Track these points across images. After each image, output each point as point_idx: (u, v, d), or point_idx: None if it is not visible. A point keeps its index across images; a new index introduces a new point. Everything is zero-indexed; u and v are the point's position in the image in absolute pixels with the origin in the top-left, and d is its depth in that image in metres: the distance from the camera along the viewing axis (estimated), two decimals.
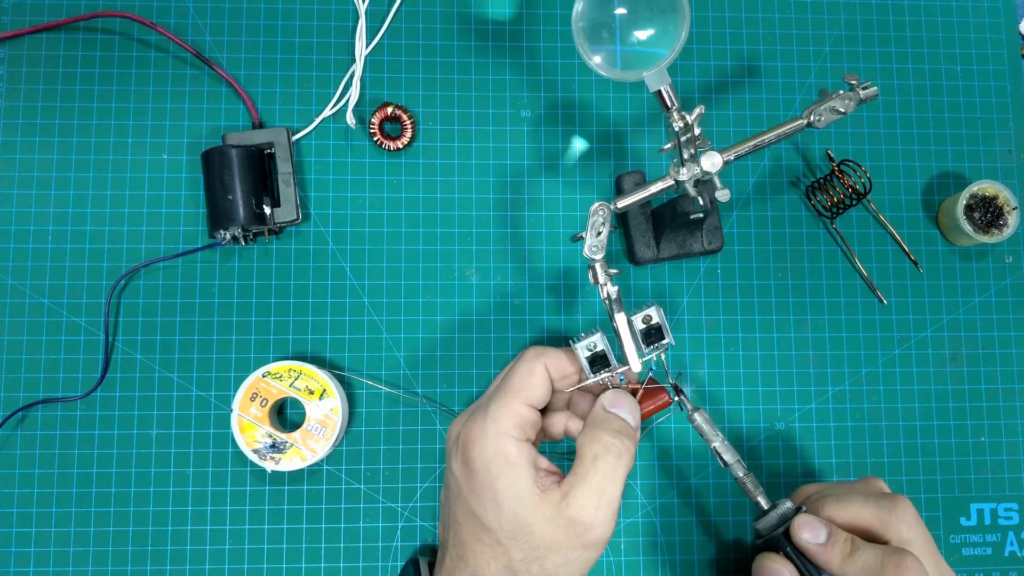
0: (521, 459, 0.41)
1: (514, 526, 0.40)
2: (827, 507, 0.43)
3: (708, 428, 0.44)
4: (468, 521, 0.42)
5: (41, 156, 0.53)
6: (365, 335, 0.53)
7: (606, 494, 0.40)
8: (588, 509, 0.39)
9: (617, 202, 0.44)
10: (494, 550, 0.41)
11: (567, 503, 0.40)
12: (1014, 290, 0.56)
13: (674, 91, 0.41)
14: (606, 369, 0.43)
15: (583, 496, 0.40)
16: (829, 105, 0.43)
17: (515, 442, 0.41)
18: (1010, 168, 0.57)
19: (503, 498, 0.40)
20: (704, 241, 0.53)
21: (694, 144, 0.42)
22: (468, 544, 0.42)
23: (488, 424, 0.41)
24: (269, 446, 0.49)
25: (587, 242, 0.42)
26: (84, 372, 0.52)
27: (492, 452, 0.41)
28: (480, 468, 0.41)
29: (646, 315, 0.43)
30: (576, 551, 0.40)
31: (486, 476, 0.41)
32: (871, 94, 0.43)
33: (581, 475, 0.40)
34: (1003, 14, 0.59)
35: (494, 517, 0.40)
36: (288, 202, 0.53)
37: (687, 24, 0.42)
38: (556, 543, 0.40)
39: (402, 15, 0.56)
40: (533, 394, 0.42)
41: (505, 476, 0.40)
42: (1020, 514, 0.54)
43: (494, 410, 0.42)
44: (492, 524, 0.40)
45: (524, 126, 0.56)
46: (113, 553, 0.50)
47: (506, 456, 0.41)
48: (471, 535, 0.42)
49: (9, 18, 0.54)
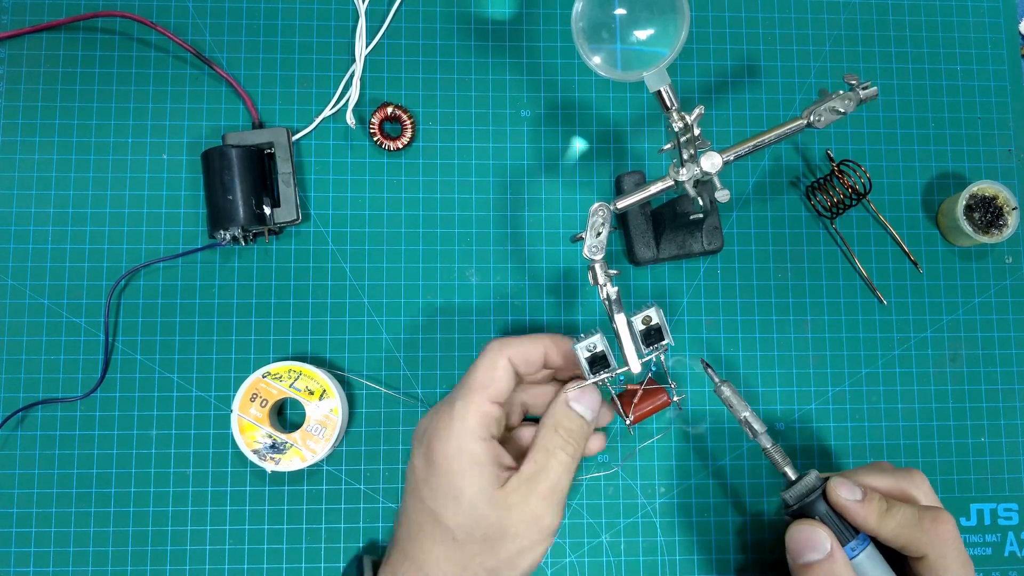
0: (486, 458, 0.42)
1: (472, 522, 0.41)
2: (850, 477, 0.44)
3: (736, 400, 0.44)
4: (421, 517, 0.42)
5: (41, 156, 0.53)
6: (365, 335, 0.53)
7: (560, 487, 0.42)
8: (545, 501, 0.41)
9: (617, 203, 0.44)
10: (447, 547, 0.41)
11: (525, 495, 0.41)
12: (1014, 290, 0.56)
13: (674, 91, 0.41)
14: (606, 370, 0.43)
15: (541, 488, 0.41)
16: (829, 105, 0.43)
17: (480, 441, 0.42)
18: (1010, 168, 0.57)
19: (463, 495, 0.41)
20: (704, 241, 0.53)
21: (694, 144, 0.42)
22: (418, 540, 0.42)
23: (454, 422, 0.42)
24: (269, 446, 0.49)
25: (587, 243, 0.42)
26: (84, 372, 0.52)
27: (456, 450, 0.41)
28: (442, 465, 0.42)
29: (646, 316, 0.43)
30: (531, 540, 0.41)
31: (448, 473, 0.41)
32: (871, 94, 0.43)
33: (539, 467, 0.42)
34: (1003, 14, 0.59)
35: (452, 514, 0.41)
36: (288, 202, 0.52)
37: (687, 24, 0.42)
38: (513, 533, 0.41)
39: (402, 15, 0.56)
40: (497, 389, 0.43)
41: (468, 474, 0.41)
42: (1020, 514, 0.54)
43: (460, 408, 0.42)
44: (449, 522, 0.41)
45: (524, 126, 0.56)
46: (113, 553, 0.50)
47: (471, 455, 0.41)
48: (422, 531, 0.42)
49: (9, 18, 0.54)
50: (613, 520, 0.53)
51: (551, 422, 0.43)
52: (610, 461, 0.53)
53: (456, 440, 0.42)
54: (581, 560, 0.52)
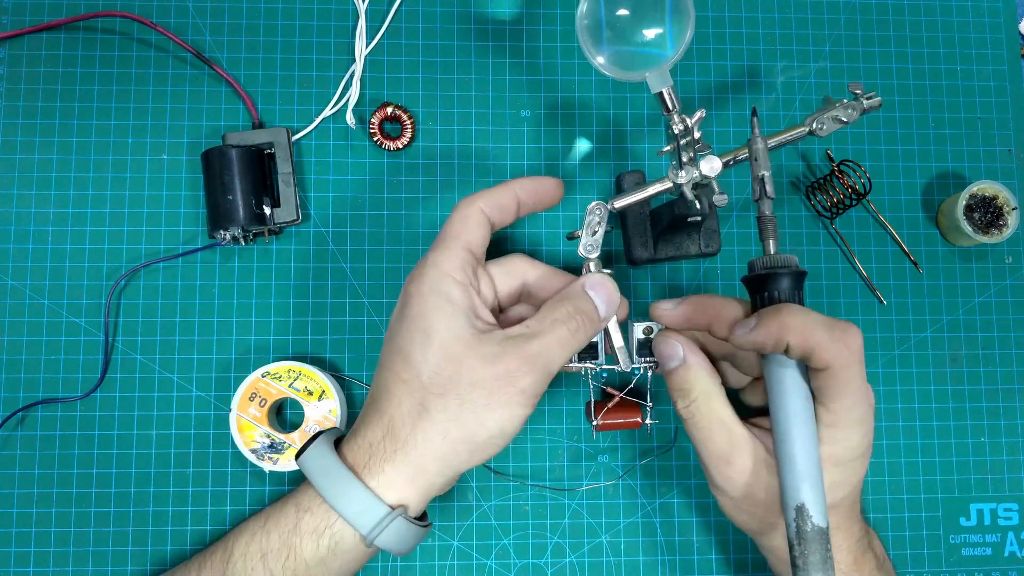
0: (460, 300, 0.40)
1: (440, 360, 0.39)
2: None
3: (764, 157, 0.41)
4: (391, 360, 0.41)
5: (41, 156, 0.53)
6: (365, 335, 0.53)
7: (546, 356, 0.39)
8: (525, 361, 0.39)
9: (614, 202, 0.44)
10: (410, 386, 0.40)
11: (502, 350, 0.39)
12: (1014, 290, 0.56)
13: (675, 93, 0.41)
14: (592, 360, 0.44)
15: (528, 344, 0.39)
16: (832, 114, 0.43)
17: (456, 284, 0.41)
18: (1010, 168, 0.57)
19: (434, 331, 0.39)
20: (701, 244, 0.53)
21: (693, 148, 0.42)
22: (385, 385, 0.41)
23: (427, 267, 0.41)
24: (267, 446, 0.49)
25: (582, 241, 0.42)
26: (84, 372, 0.52)
27: (428, 289, 0.40)
28: (415, 305, 0.40)
29: (648, 327, 0.44)
30: (502, 393, 0.39)
31: (421, 309, 0.40)
32: (874, 104, 0.43)
33: (532, 329, 0.40)
34: (1003, 14, 0.59)
35: (420, 350, 0.40)
36: (288, 202, 0.53)
37: (691, 26, 0.42)
38: (482, 381, 0.39)
39: (402, 15, 0.56)
40: (472, 237, 0.42)
41: (440, 311, 0.40)
42: (1020, 514, 0.54)
43: (433, 255, 0.42)
44: (416, 357, 0.40)
45: (524, 126, 0.56)
46: (113, 553, 0.50)
47: (445, 294, 0.40)
48: (391, 374, 0.41)
49: (9, 18, 0.54)
50: (613, 520, 0.53)
51: (562, 296, 0.42)
52: (609, 461, 0.53)
53: (429, 281, 0.41)
54: (581, 560, 0.52)
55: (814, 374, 0.38)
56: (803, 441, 0.38)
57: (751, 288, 0.41)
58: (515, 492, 0.53)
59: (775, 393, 0.39)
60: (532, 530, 0.52)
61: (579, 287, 0.42)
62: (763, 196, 0.41)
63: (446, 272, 0.41)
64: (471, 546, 0.52)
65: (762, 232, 0.41)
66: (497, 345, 0.39)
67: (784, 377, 0.39)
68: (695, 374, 0.41)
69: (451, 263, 0.41)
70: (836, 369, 0.37)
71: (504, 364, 0.39)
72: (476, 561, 0.52)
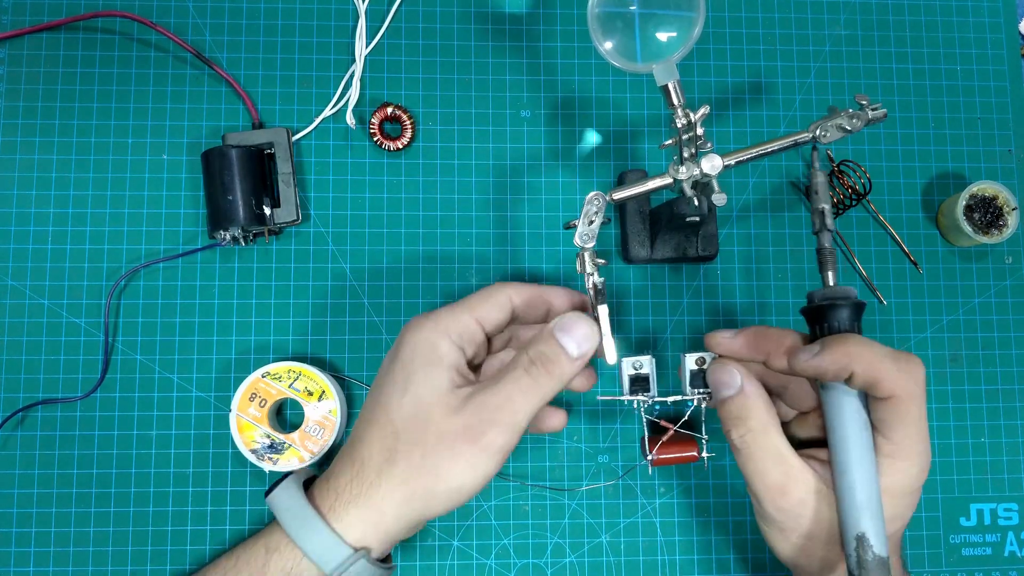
0: (448, 360, 0.41)
1: (412, 409, 0.40)
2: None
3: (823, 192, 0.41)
4: (371, 406, 0.42)
5: (41, 156, 0.53)
6: (365, 335, 0.53)
7: (512, 404, 0.39)
8: (488, 409, 0.39)
9: (613, 193, 0.44)
10: (383, 432, 0.40)
11: (471, 405, 0.39)
12: (1014, 291, 0.56)
13: (680, 88, 0.41)
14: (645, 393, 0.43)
15: (490, 396, 0.39)
16: (836, 123, 0.43)
17: (449, 342, 0.41)
18: (1010, 168, 0.57)
19: (411, 385, 0.40)
20: (699, 247, 0.53)
21: (695, 144, 0.42)
22: (363, 436, 0.41)
23: (429, 320, 0.42)
24: (267, 447, 0.49)
25: (578, 230, 0.42)
26: (84, 373, 0.52)
27: (421, 340, 0.41)
28: (404, 356, 0.41)
29: (700, 357, 0.43)
30: (465, 448, 0.39)
31: (408, 360, 0.41)
32: (879, 116, 0.43)
33: (498, 379, 0.40)
34: (1003, 14, 0.59)
35: (397, 403, 0.40)
36: (288, 202, 0.52)
37: (701, 21, 0.42)
38: (447, 435, 0.39)
39: (402, 15, 0.56)
40: (486, 314, 0.42)
41: (425, 366, 0.40)
42: (1020, 514, 0.54)
43: (441, 313, 0.42)
44: (392, 405, 0.40)
45: (524, 126, 0.56)
46: (113, 553, 0.50)
47: (434, 347, 0.41)
48: (368, 419, 0.42)
49: (9, 18, 0.54)
50: (613, 520, 0.53)
51: (532, 343, 0.41)
52: (610, 461, 0.53)
53: (425, 335, 0.41)
54: (581, 560, 0.52)
55: (876, 404, 0.38)
56: (863, 470, 0.38)
57: (810, 319, 0.41)
58: (515, 492, 0.53)
59: (835, 422, 0.39)
60: (532, 530, 0.52)
61: (548, 331, 0.41)
62: (823, 229, 0.41)
63: (444, 331, 0.41)
64: (471, 546, 0.52)
65: (821, 265, 0.41)
66: (464, 397, 0.40)
67: (845, 406, 0.39)
68: (753, 403, 0.40)
69: (453, 326, 0.42)
70: (900, 399, 0.37)
71: (467, 416, 0.39)
72: (476, 561, 0.52)
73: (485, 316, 0.43)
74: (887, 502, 0.38)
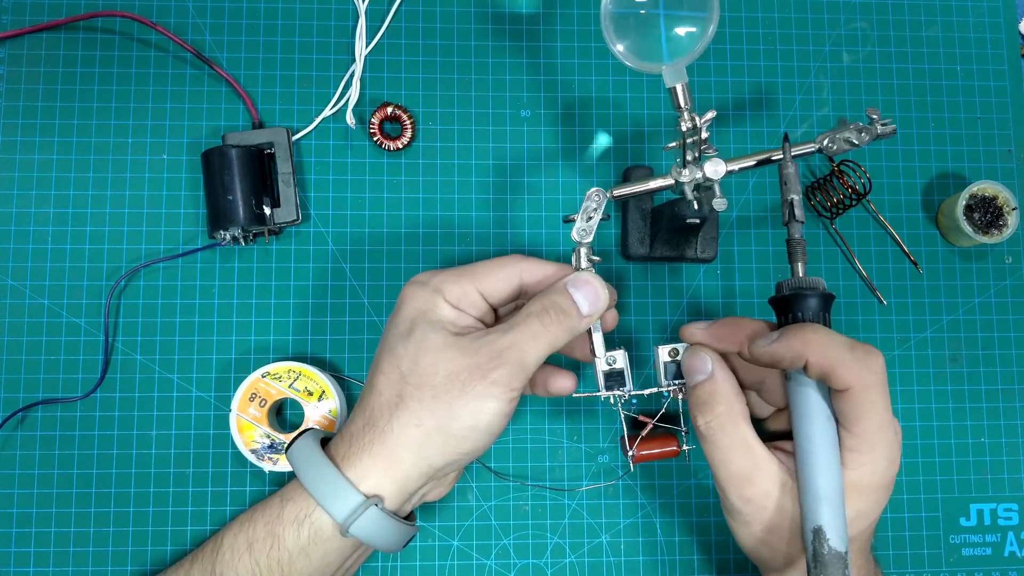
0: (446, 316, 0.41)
1: (418, 351, 0.40)
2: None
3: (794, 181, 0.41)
4: (379, 356, 0.42)
5: (41, 156, 0.53)
6: (365, 335, 0.53)
7: (522, 346, 0.40)
8: (497, 348, 0.39)
9: (614, 190, 0.44)
10: (390, 378, 0.41)
11: (481, 340, 0.40)
12: (1014, 291, 0.56)
13: (688, 90, 0.41)
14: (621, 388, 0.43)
15: (501, 338, 0.40)
16: (844, 135, 0.43)
17: (448, 307, 0.42)
18: (1010, 168, 0.57)
19: (417, 325, 0.41)
20: (698, 249, 0.53)
21: (699, 147, 0.42)
22: (371, 379, 0.42)
23: (429, 286, 0.42)
24: (267, 447, 0.49)
25: (576, 224, 0.42)
26: (84, 373, 0.52)
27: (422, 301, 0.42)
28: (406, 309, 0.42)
29: (673, 348, 0.44)
30: (474, 385, 0.39)
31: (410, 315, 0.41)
32: (888, 131, 0.43)
33: (507, 323, 0.41)
34: (1003, 14, 0.59)
35: (402, 343, 0.41)
36: (288, 202, 0.52)
37: (714, 24, 0.42)
38: (456, 372, 0.39)
39: (402, 15, 0.56)
40: (491, 285, 0.43)
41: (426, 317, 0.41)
42: (1020, 514, 0.54)
43: (441, 276, 0.42)
44: (398, 351, 0.41)
45: (524, 126, 0.56)
46: (113, 553, 0.50)
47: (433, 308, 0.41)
48: (376, 368, 0.42)
49: (9, 18, 0.54)
50: (613, 520, 0.53)
51: (540, 295, 0.42)
52: (610, 461, 0.53)
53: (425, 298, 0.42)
54: (581, 560, 0.52)
55: (836, 396, 0.38)
56: (824, 462, 0.37)
57: (777, 309, 0.41)
58: (515, 492, 0.53)
59: (797, 414, 0.39)
60: (532, 530, 0.52)
61: (560, 284, 0.42)
62: (792, 219, 0.41)
63: (441, 296, 0.42)
64: (471, 546, 0.52)
65: (791, 254, 0.41)
66: (473, 340, 0.40)
67: (807, 397, 0.39)
68: (721, 388, 0.40)
69: (452, 291, 0.42)
70: (857, 391, 0.37)
71: (476, 357, 0.39)
72: (476, 561, 0.52)
73: (489, 288, 0.43)
74: (854, 497, 0.38)
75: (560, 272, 0.44)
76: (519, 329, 0.40)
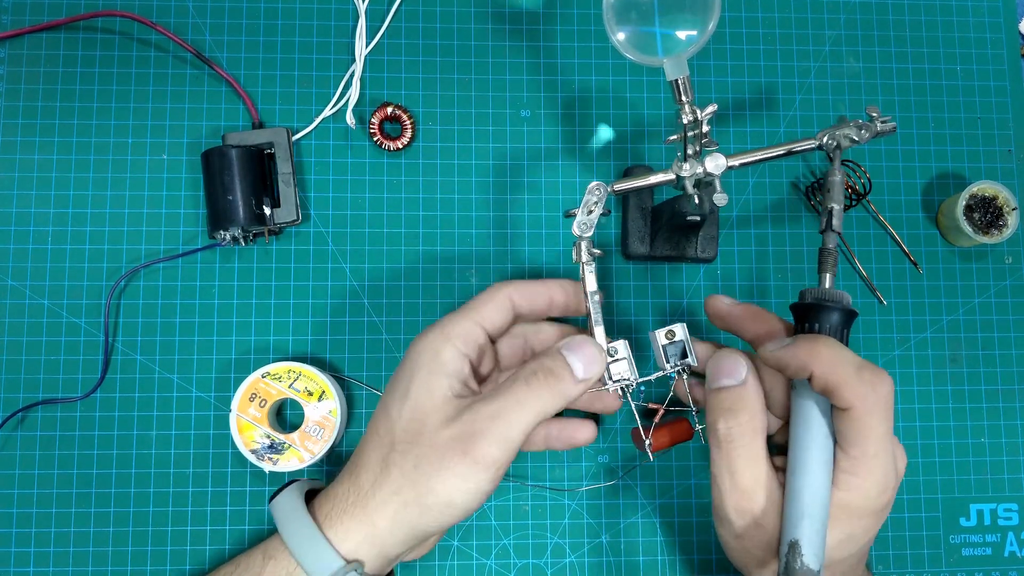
0: (451, 367, 0.40)
1: (410, 416, 0.39)
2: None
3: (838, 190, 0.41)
4: (375, 414, 0.42)
5: (41, 156, 0.53)
6: (365, 335, 0.53)
7: (508, 415, 0.38)
8: (481, 418, 0.38)
9: (615, 185, 0.44)
10: (381, 441, 0.40)
11: (468, 407, 0.39)
12: (1014, 291, 0.56)
13: (690, 84, 0.41)
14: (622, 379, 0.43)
15: (485, 405, 0.38)
16: (844, 133, 0.43)
17: (453, 348, 0.41)
18: (1010, 168, 0.57)
19: (412, 390, 0.40)
20: (698, 248, 0.53)
21: (700, 141, 0.42)
22: (364, 438, 0.41)
23: (434, 328, 0.42)
24: (267, 447, 0.49)
25: (577, 218, 0.42)
26: (84, 373, 0.52)
27: (426, 347, 0.41)
28: (410, 361, 0.41)
29: (670, 331, 0.43)
30: (456, 460, 0.38)
31: (411, 367, 0.41)
32: (888, 129, 0.43)
33: (495, 391, 0.39)
34: (1003, 14, 0.59)
35: (397, 405, 0.40)
36: (288, 202, 0.52)
37: (716, 18, 0.41)
38: (438, 444, 0.38)
39: (402, 15, 0.56)
40: (488, 316, 0.42)
41: (426, 369, 0.40)
42: (1020, 514, 0.54)
43: (444, 319, 0.42)
44: (392, 412, 0.40)
45: (524, 126, 0.56)
46: (113, 553, 0.50)
47: (436, 353, 0.40)
48: (371, 428, 0.41)
49: (9, 18, 0.54)
50: (613, 520, 0.53)
51: (536, 357, 0.40)
52: (610, 461, 0.53)
53: (429, 341, 0.41)
54: (581, 560, 0.52)
55: (838, 415, 0.37)
56: (813, 477, 0.37)
57: (797, 317, 0.40)
58: (515, 492, 0.53)
59: (796, 424, 0.38)
60: (532, 530, 0.52)
61: (555, 347, 0.41)
62: (828, 229, 0.41)
63: (448, 336, 0.41)
64: (471, 546, 0.52)
65: (821, 264, 0.40)
66: (460, 406, 0.39)
67: (808, 409, 0.38)
68: (751, 397, 0.39)
69: (456, 329, 0.41)
70: (859, 412, 0.36)
71: (460, 426, 0.38)
72: (476, 561, 0.52)
73: (487, 318, 0.42)
74: (843, 520, 0.37)
75: (543, 288, 0.44)
76: (504, 396, 0.39)
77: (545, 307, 0.44)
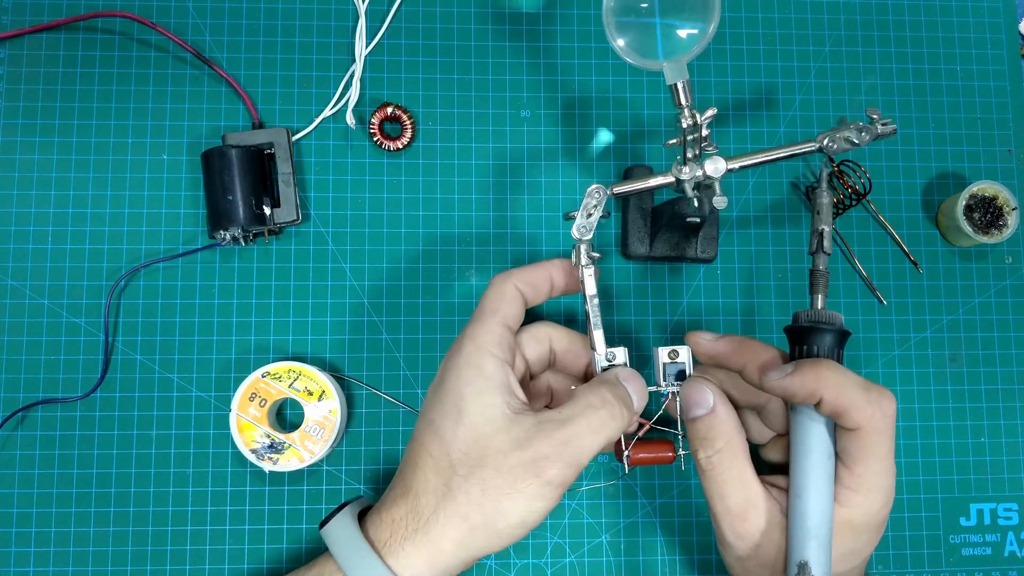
0: (497, 378, 0.39)
1: (469, 439, 0.38)
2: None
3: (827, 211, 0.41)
4: (423, 433, 0.40)
5: (41, 156, 0.53)
6: (365, 335, 0.53)
7: (580, 440, 0.38)
8: (556, 448, 0.38)
9: (614, 187, 0.44)
10: (438, 464, 0.39)
11: (538, 429, 0.38)
12: (1014, 291, 0.56)
13: (690, 87, 0.41)
14: None
15: (559, 430, 0.38)
16: (844, 135, 0.43)
17: (493, 358, 0.40)
18: (1010, 168, 0.57)
19: (467, 408, 0.39)
20: (698, 249, 0.53)
21: (699, 145, 0.42)
22: (414, 459, 0.40)
23: (465, 341, 0.41)
24: (267, 446, 0.49)
25: (577, 221, 0.42)
26: (84, 373, 0.52)
27: (466, 363, 0.40)
28: (451, 377, 0.40)
29: (673, 350, 0.43)
30: (527, 483, 0.37)
31: (455, 384, 0.39)
32: (888, 131, 0.43)
33: (567, 414, 0.39)
34: (1003, 14, 0.59)
35: (451, 426, 0.39)
36: (288, 202, 0.53)
37: (716, 21, 0.42)
38: (508, 467, 0.37)
39: (402, 15, 0.56)
40: (508, 312, 0.42)
41: (474, 385, 0.39)
42: (1020, 514, 0.54)
43: (471, 330, 0.41)
44: (447, 434, 0.39)
45: (524, 126, 0.56)
46: (113, 553, 0.50)
47: (480, 367, 0.39)
48: (421, 447, 0.40)
49: (9, 18, 0.54)
50: (613, 520, 0.53)
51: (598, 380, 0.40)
52: (610, 461, 0.53)
53: (465, 355, 0.40)
54: (581, 560, 0.52)
55: (842, 434, 0.38)
56: (818, 498, 0.37)
57: (792, 339, 0.40)
58: None
59: (797, 446, 0.39)
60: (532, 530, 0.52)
61: (613, 376, 0.41)
62: (819, 250, 0.41)
63: (482, 346, 0.40)
64: None
65: (812, 286, 0.41)
66: (527, 429, 0.38)
67: (810, 431, 0.38)
68: (722, 424, 0.40)
69: (488, 337, 0.41)
70: (867, 432, 0.37)
71: (532, 451, 0.38)
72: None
73: (509, 316, 0.42)
74: (846, 535, 0.38)
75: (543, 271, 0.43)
76: (579, 422, 0.38)
77: (547, 290, 0.44)
